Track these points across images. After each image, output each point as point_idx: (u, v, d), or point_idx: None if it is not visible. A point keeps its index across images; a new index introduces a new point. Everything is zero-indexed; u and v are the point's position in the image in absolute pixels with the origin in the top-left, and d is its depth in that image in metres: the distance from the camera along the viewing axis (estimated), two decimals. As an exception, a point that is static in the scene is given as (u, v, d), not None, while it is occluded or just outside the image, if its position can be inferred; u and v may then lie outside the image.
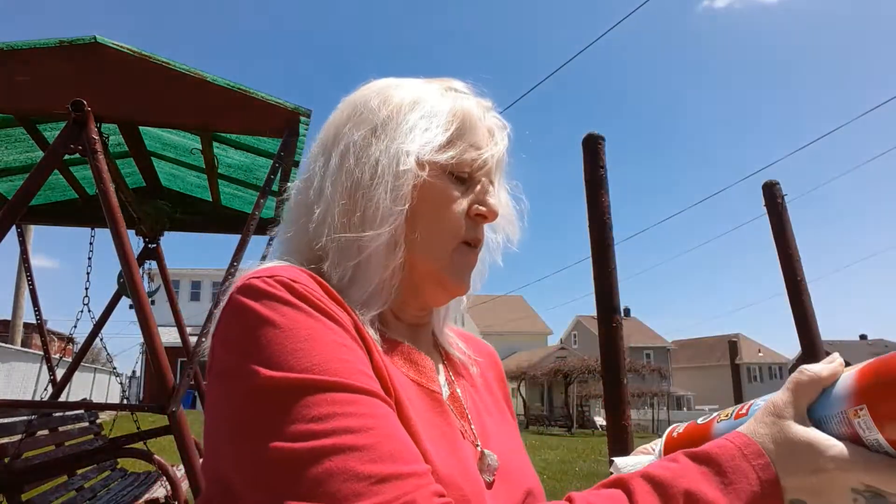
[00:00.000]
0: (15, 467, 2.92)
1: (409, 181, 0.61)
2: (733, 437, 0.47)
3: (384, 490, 0.43)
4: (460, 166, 0.64)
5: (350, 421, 0.46)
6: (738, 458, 0.45)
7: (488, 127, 0.68)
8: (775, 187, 2.40)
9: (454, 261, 0.64)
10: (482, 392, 0.74)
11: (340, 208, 0.62)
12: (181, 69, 2.89)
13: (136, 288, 2.71)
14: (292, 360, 0.47)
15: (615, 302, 1.82)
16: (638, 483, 0.46)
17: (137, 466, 4.80)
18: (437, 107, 0.65)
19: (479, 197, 0.66)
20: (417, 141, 0.62)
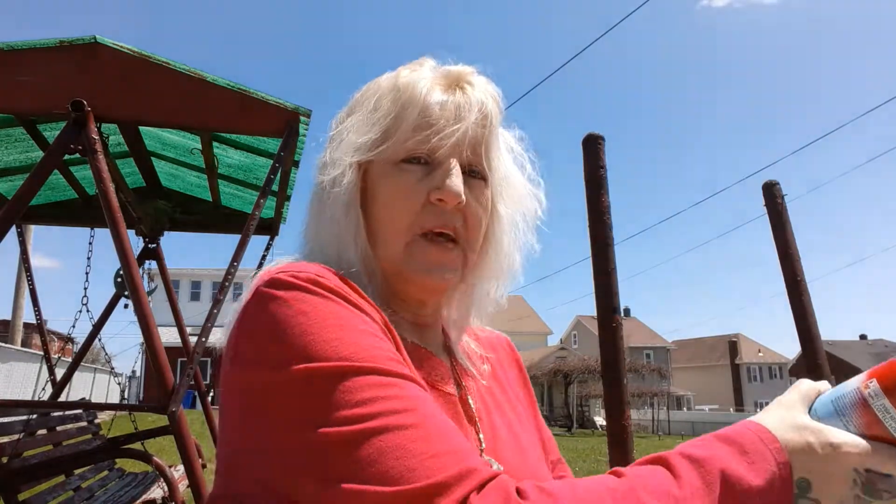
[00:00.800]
0: (12, 467, 2.92)
1: (348, 186, 0.61)
2: (749, 424, 0.51)
3: (438, 465, 0.43)
4: (410, 152, 0.61)
5: (394, 403, 0.46)
6: (758, 443, 0.49)
7: (448, 102, 0.61)
8: (775, 187, 2.40)
9: (413, 255, 0.61)
10: (495, 391, 0.73)
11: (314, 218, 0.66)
12: (181, 69, 2.89)
13: (136, 288, 2.71)
14: (329, 350, 0.47)
15: (615, 302, 1.81)
16: (677, 460, 0.48)
17: (135, 467, 4.80)
18: (382, 98, 0.63)
19: (437, 180, 0.60)
20: (347, 144, 0.62)
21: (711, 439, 0.50)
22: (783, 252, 2.35)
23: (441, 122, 0.60)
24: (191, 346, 3.29)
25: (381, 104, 0.63)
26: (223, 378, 0.53)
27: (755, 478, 0.47)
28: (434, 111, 0.61)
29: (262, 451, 0.48)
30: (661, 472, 0.48)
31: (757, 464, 0.47)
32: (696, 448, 0.49)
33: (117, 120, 3.02)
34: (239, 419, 0.51)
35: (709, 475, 0.47)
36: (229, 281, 2.85)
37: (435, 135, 0.60)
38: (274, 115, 2.98)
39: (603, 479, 0.47)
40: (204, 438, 5.22)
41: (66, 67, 2.81)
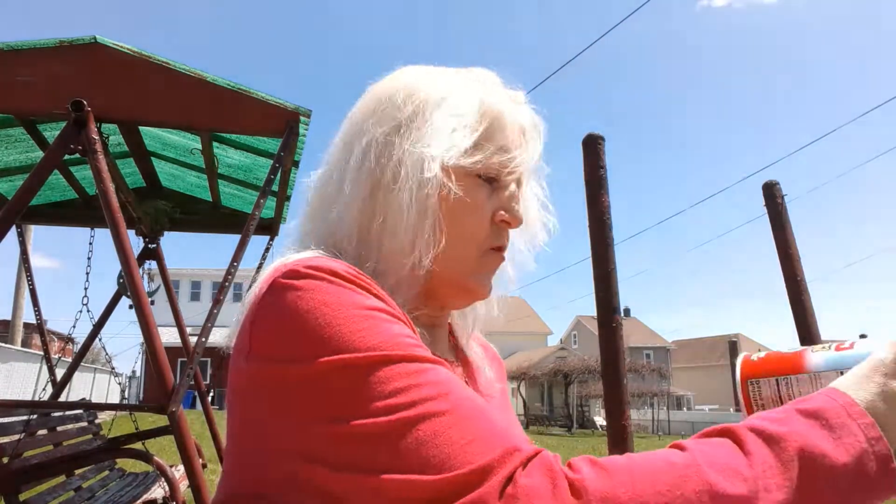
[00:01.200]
0: (13, 467, 2.92)
1: (434, 189, 0.58)
2: (836, 395, 0.46)
3: (479, 449, 0.43)
4: (487, 169, 0.61)
5: (428, 389, 0.46)
6: (844, 416, 0.44)
7: (520, 126, 0.63)
8: (775, 187, 2.40)
9: (481, 266, 0.63)
10: (497, 396, 0.73)
11: (360, 207, 0.60)
12: (181, 69, 2.89)
13: (136, 288, 2.71)
14: (356, 340, 0.46)
15: (615, 302, 1.81)
16: (747, 434, 0.44)
17: (136, 467, 4.80)
18: (465, 104, 0.61)
19: (505, 203, 0.63)
20: (443, 144, 0.58)
21: (791, 411, 0.46)
22: (783, 252, 2.35)
23: (516, 149, 0.62)
24: (191, 346, 3.29)
25: (466, 111, 0.60)
26: (235, 375, 0.51)
27: (841, 455, 0.43)
28: (512, 137, 0.62)
29: (291, 448, 0.47)
30: (728, 446, 0.44)
31: (844, 438, 0.43)
32: (770, 421, 0.45)
33: (117, 120, 3.02)
34: (262, 416, 0.49)
35: (784, 452, 0.43)
36: (229, 281, 2.85)
37: (511, 160, 0.62)
38: (274, 115, 2.98)
39: (663, 454, 0.44)
40: (204, 438, 5.21)
41: (66, 67, 2.81)
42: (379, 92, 0.64)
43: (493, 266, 0.65)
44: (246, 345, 0.50)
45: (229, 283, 2.85)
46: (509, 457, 0.43)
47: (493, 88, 0.64)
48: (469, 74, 0.66)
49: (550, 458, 0.44)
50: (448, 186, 0.59)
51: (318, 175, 0.67)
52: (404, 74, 0.65)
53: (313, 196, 0.66)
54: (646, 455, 0.44)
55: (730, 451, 0.44)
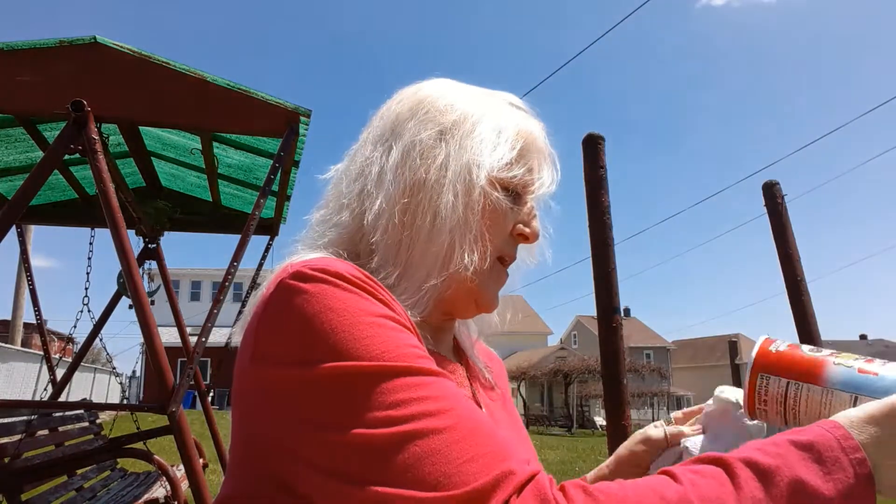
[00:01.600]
0: (14, 467, 2.92)
1: (479, 195, 0.61)
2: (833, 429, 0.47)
3: (475, 469, 0.42)
4: (518, 185, 0.65)
5: (429, 404, 0.45)
6: (837, 451, 0.45)
7: (544, 152, 0.68)
8: (775, 187, 2.40)
9: (491, 277, 0.65)
10: (496, 399, 0.74)
11: (401, 206, 0.60)
12: (181, 69, 2.89)
13: (136, 288, 2.71)
14: (360, 348, 0.46)
15: (615, 302, 1.82)
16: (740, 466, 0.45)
17: (137, 466, 4.80)
18: (504, 122, 0.64)
19: (526, 218, 0.66)
20: (489, 155, 0.61)
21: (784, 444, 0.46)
22: (783, 252, 2.35)
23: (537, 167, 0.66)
24: (191, 346, 3.29)
25: (504, 128, 0.64)
26: (240, 375, 0.51)
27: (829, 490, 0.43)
28: (538, 160, 0.67)
29: (288, 451, 0.47)
30: (720, 478, 0.44)
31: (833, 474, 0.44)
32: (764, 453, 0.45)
33: (117, 120, 3.02)
34: (263, 418, 0.49)
35: (774, 487, 0.43)
36: (229, 281, 2.85)
37: (537, 181, 0.66)
38: (274, 115, 2.98)
39: (656, 484, 0.44)
40: (204, 438, 5.21)
41: (66, 67, 2.81)
42: (417, 95, 0.66)
43: (500, 279, 0.67)
44: (251, 345, 0.50)
45: (229, 283, 2.85)
46: (503, 481, 0.42)
47: (525, 113, 0.68)
48: (499, 95, 0.69)
49: (545, 483, 0.43)
50: (492, 195, 0.62)
51: (343, 166, 0.67)
52: (440, 84, 0.68)
53: (343, 189, 0.65)
54: (638, 485, 0.44)
55: (721, 483, 0.44)
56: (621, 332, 1.79)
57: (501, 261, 0.66)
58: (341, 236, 0.62)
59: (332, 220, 0.64)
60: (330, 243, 0.62)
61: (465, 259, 0.59)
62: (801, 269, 2.33)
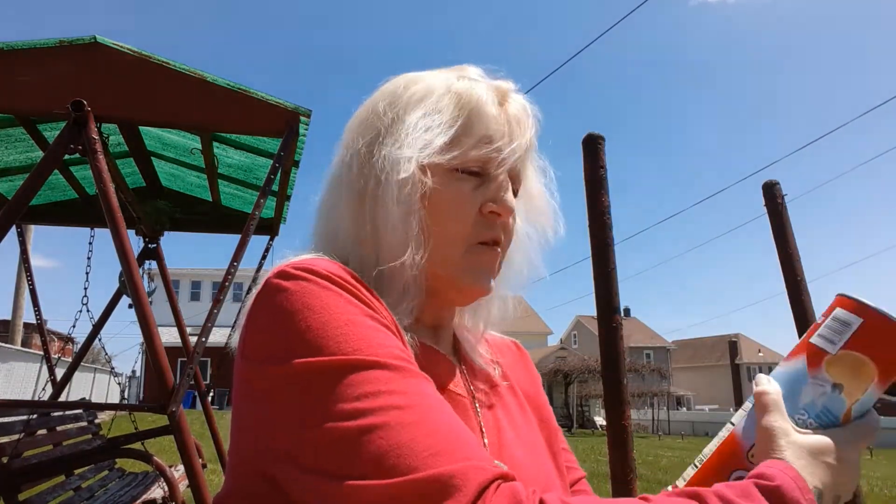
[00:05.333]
0: (13, 467, 2.92)
1: (413, 188, 0.58)
2: (787, 469, 0.50)
3: (439, 462, 0.42)
4: (470, 163, 0.61)
5: (397, 398, 0.45)
6: (796, 490, 0.48)
7: (505, 116, 0.63)
8: (775, 187, 2.40)
9: (468, 262, 0.62)
10: (504, 396, 0.71)
11: (353, 216, 0.62)
12: (181, 69, 2.89)
13: (136, 288, 2.71)
14: (332, 344, 0.47)
15: (615, 302, 1.81)
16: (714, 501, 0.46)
17: (135, 466, 4.80)
18: (442, 101, 0.61)
19: (493, 193, 0.61)
20: (416, 144, 0.59)
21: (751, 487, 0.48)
22: (783, 252, 2.35)
23: (500, 139, 0.61)
24: (191, 346, 3.29)
25: (443, 107, 0.61)
26: (234, 373, 0.52)
27: None
28: (494, 126, 0.61)
29: (267, 448, 0.48)
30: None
31: None
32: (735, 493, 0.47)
33: (117, 120, 3.02)
34: (250, 415, 0.50)
35: None
36: (229, 281, 2.85)
37: (496, 151, 0.61)
38: (274, 115, 2.98)
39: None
40: (204, 438, 5.21)
41: (66, 67, 2.81)
42: (368, 102, 0.66)
43: (485, 261, 0.62)
44: (240, 343, 0.52)
45: (229, 283, 2.85)
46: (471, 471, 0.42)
47: (473, 82, 0.63)
48: (451, 71, 0.66)
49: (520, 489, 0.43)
50: (425, 184, 0.59)
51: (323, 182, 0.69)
52: (389, 84, 0.66)
53: (320, 202, 0.67)
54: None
55: None
56: (621, 332, 1.78)
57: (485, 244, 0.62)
58: (326, 242, 0.64)
59: (316, 228, 0.66)
60: (318, 248, 0.63)
61: (419, 257, 0.59)
62: (801, 269, 2.32)
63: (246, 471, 0.51)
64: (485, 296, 0.65)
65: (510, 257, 0.68)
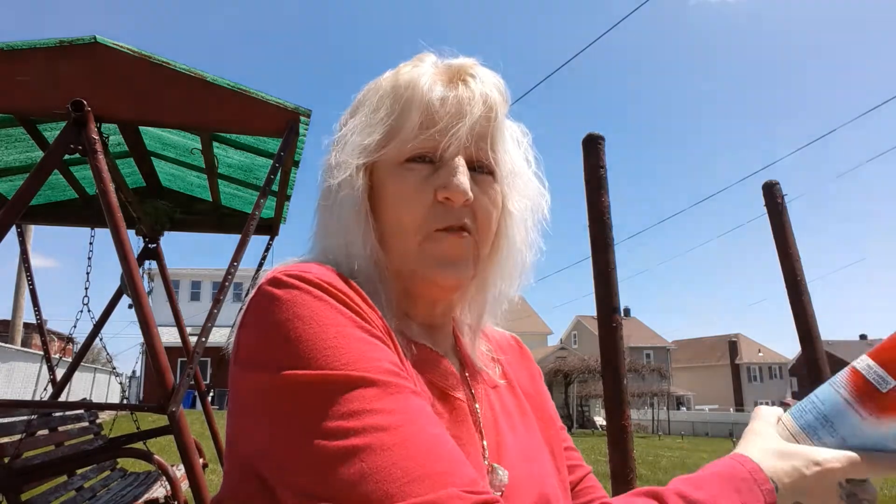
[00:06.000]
0: (14, 467, 2.92)
1: (352, 190, 0.60)
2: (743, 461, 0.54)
3: (416, 489, 0.42)
4: (415, 151, 0.59)
5: (381, 418, 0.45)
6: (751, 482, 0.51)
7: (456, 97, 0.59)
8: (775, 187, 2.40)
9: (427, 251, 0.59)
10: (505, 396, 0.70)
11: (323, 224, 0.64)
12: (181, 69, 2.89)
13: (136, 288, 2.71)
14: (321, 357, 0.47)
15: (615, 302, 1.81)
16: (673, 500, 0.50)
17: (137, 466, 4.80)
18: (384, 99, 0.61)
19: (443, 178, 0.58)
20: (349, 147, 0.61)
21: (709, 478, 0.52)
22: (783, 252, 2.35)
23: (445, 119, 0.58)
24: (191, 346, 3.29)
25: (383, 104, 0.61)
26: (229, 377, 0.53)
27: None
28: (437, 108, 0.59)
29: (258, 453, 0.48)
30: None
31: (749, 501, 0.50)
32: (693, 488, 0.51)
33: (117, 120, 3.02)
34: (238, 418, 0.51)
35: None
36: (229, 281, 2.85)
37: (439, 133, 0.58)
38: (274, 115, 2.98)
39: None
40: (204, 438, 5.21)
41: (66, 67, 2.81)
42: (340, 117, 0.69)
43: (446, 248, 0.59)
44: (234, 348, 0.52)
45: (229, 283, 2.85)
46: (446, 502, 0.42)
47: (416, 69, 0.62)
48: (405, 63, 0.64)
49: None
50: (360, 183, 0.60)
51: None
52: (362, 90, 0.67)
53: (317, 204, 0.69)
54: None
55: None
56: (621, 332, 1.79)
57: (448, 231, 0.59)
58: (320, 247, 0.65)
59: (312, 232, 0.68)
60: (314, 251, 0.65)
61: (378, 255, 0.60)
62: (801, 269, 2.32)
63: (242, 473, 0.51)
64: (457, 284, 0.61)
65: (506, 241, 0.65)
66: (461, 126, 0.58)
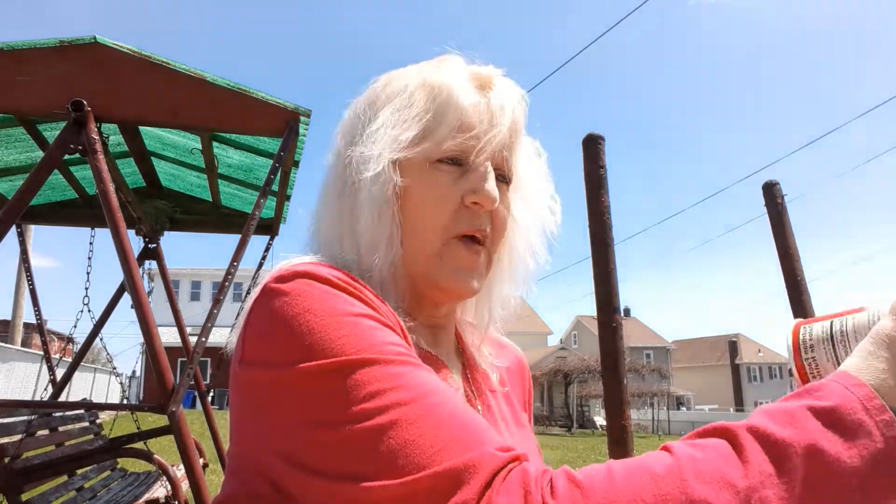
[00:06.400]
0: (15, 467, 2.92)
1: (384, 185, 0.58)
2: (853, 385, 0.42)
3: (446, 456, 0.42)
4: (447, 153, 0.59)
5: (401, 394, 0.45)
6: (861, 412, 0.40)
7: (489, 102, 0.61)
8: (775, 187, 2.40)
9: (445, 259, 0.60)
10: (499, 399, 0.72)
11: (335, 217, 0.63)
12: (181, 69, 2.89)
13: (136, 288, 2.71)
14: (334, 347, 0.47)
15: (615, 302, 1.82)
16: (746, 437, 0.40)
17: (137, 466, 4.80)
18: (416, 95, 0.60)
19: (473, 183, 0.59)
20: (385, 140, 0.58)
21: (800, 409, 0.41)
22: (783, 252, 2.35)
23: (478, 125, 0.59)
24: (191, 346, 3.29)
25: (416, 100, 0.60)
26: (231, 377, 0.53)
27: (854, 459, 0.39)
28: (471, 113, 0.60)
29: (275, 451, 0.48)
30: (724, 450, 0.40)
31: (858, 439, 0.39)
32: (775, 422, 0.41)
33: (117, 120, 3.02)
34: (247, 419, 0.50)
35: (788, 460, 0.39)
36: (229, 281, 2.85)
37: (473, 138, 0.59)
38: (274, 115, 2.98)
39: (648, 463, 0.41)
40: (204, 438, 5.21)
41: (66, 67, 2.81)
42: (351, 106, 0.67)
43: (462, 258, 0.60)
44: (239, 348, 0.52)
45: (229, 283, 2.85)
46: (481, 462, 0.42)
47: (449, 71, 0.62)
48: (430, 63, 0.64)
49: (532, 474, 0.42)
50: (397, 179, 0.58)
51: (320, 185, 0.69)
52: (375, 83, 0.66)
53: (315, 205, 0.68)
54: (628, 466, 0.41)
55: (724, 457, 0.40)
56: (621, 332, 1.79)
57: (469, 238, 0.60)
58: (321, 245, 0.65)
59: (311, 231, 0.67)
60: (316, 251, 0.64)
61: (396, 254, 0.59)
62: (801, 269, 2.33)
63: (248, 474, 0.51)
64: (469, 296, 0.64)
65: (512, 249, 0.67)
66: (495, 133, 0.59)
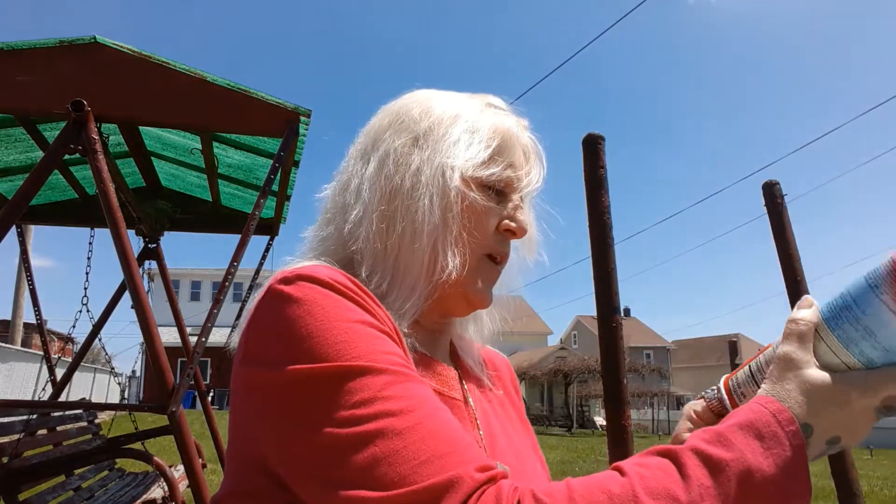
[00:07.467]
0: (12, 467, 2.92)
1: (455, 197, 0.61)
2: (766, 402, 0.48)
3: (428, 472, 0.43)
4: (500, 182, 0.65)
5: (391, 404, 0.46)
6: (774, 425, 0.47)
7: (526, 148, 0.68)
8: (775, 187, 2.40)
9: (479, 272, 0.65)
10: (494, 401, 0.74)
11: (378, 213, 0.62)
12: (181, 69, 2.89)
13: (136, 288, 2.71)
14: (331, 351, 0.48)
15: (615, 302, 1.81)
16: (688, 457, 0.45)
17: (135, 466, 4.80)
18: (479, 122, 0.65)
19: (511, 213, 0.66)
20: (462, 156, 0.63)
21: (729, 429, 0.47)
22: (783, 252, 2.35)
23: (519, 163, 0.67)
24: (191, 346, 3.29)
25: (480, 128, 0.65)
26: (233, 376, 0.53)
27: (771, 466, 0.45)
28: (518, 156, 0.67)
29: (269, 450, 0.49)
30: (668, 468, 0.45)
31: (773, 450, 0.45)
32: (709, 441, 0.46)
33: (117, 120, 3.02)
34: (246, 417, 0.52)
35: (721, 473, 0.44)
36: (229, 281, 2.85)
37: (522, 175, 0.67)
38: (274, 115, 2.98)
39: (603, 481, 0.45)
40: (204, 438, 5.21)
41: (66, 67, 2.81)
42: (394, 108, 0.68)
43: (490, 275, 0.67)
44: (241, 348, 0.53)
45: (229, 283, 2.85)
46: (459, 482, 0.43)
47: (502, 111, 0.69)
48: (477, 97, 0.70)
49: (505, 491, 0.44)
50: (467, 195, 0.62)
51: (332, 185, 0.69)
52: (418, 93, 0.69)
53: (329, 204, 0.68)
54: (586, 485, 0.45)
55: (668, 474, 0.44)
56: (621, 332, 1.79)
57: (492, 258, 0.67)
58: (329, 248, 0.65)
59: (320, 235, 0.67)
60: (322, 254, 0.64)
61: (448, 261, 0.61)
62: (801, 269, 2.33)
63: (247, 471, 0.52)
64: (484, 308, 0.69)
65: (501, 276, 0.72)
66: (534, 176, 0.68)
